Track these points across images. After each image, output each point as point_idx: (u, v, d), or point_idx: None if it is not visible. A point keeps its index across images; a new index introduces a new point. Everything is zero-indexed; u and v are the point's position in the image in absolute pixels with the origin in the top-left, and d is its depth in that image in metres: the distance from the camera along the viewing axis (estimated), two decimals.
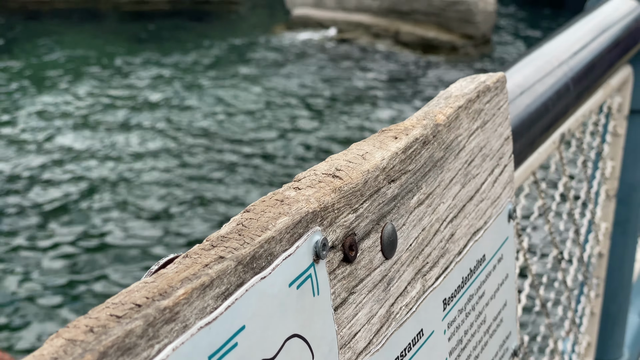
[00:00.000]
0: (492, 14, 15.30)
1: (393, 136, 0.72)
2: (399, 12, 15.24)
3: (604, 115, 1.76)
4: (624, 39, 1.57)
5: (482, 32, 15.08)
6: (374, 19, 15.23)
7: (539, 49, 1.36)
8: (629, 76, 1.77)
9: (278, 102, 11.94)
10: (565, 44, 1.39)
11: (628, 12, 1.65)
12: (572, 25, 1.51)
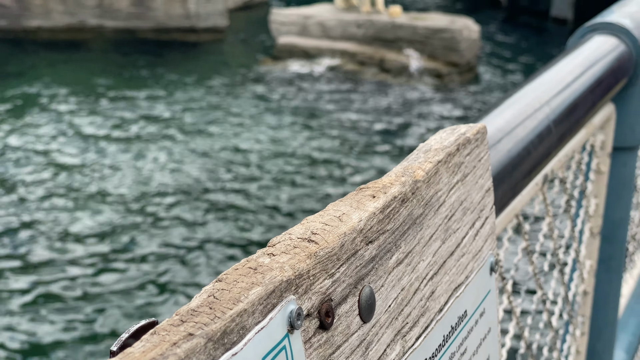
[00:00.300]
0: (476, 42, 15.40)
1: (371, 195, 0.70)
2: (383, 40, 15.32)
3: (586, 154, 1.75)
4: (606, 77, 1.56)
5: (467, 60, 15.17)
6: (359, 47, 15.30)
7: (520, 90, 1.35)
8: (611, 114, 1.77)
9: (265, 138, 11.94)
10: (547, 85, 1.38)
11: (609, 50, 1.65)
12: (553, 65, 1.50)
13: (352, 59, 15.20)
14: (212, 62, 15.79)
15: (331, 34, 15.56)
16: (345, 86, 14.23)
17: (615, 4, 1.89)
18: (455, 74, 14.93)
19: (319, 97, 13.68)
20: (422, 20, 15.42)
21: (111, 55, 16.07)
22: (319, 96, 13.71)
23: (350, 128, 12.19)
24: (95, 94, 13.50)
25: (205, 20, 17.63)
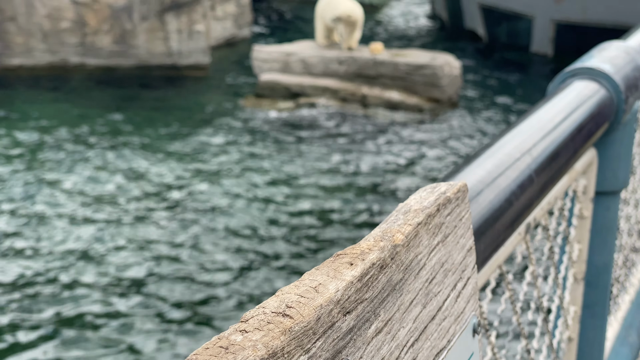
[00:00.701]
0: (458, 78, 15.50)
1: (348, 262, 0.68)
2: (365, 77, 15.40)
3: (569, 199, 1.74)
4: (587, 124, 1.56)
5: (449, 96, 15.26)
6: (340, 84, 15.36)
7: (501, 139, 1.34)
8: (593, 158, 1.76)
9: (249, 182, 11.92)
10: (528, 133, 1.37)
11: (590, 96, 1.64)
12: (534, 112, 1.49)
13: (335, 95, 15.25)
14: (194, 100, 15.80)
15: (313, 70, 15.62)
16: (328, 121, 14.26)
17: (595, 49, 1.89)
18: (437, 110, 15.01)
19: (302, 138, 13.69)
20: (403, 56, 15.52)
21: (92, 94, 16.05)
22: (301, 138, 13.73)
23: (334, 172, 12.20)
24: (74, 134, 13.45)
25: (187, 58, 17.66)
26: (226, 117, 14.63)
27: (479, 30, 21.64)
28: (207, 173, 11.64)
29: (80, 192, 10.84)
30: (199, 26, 17.69)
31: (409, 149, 13.11)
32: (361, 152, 12.90)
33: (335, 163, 12.33)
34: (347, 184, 11.45)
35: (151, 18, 17.31)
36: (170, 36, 17.49)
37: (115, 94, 16.00)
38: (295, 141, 13.31)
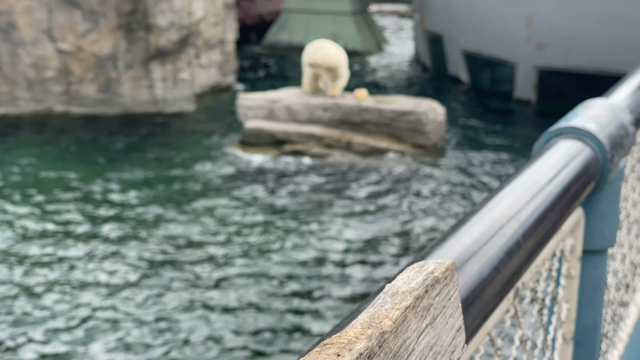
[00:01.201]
0: (442, 124, 15.59)
1: (335, 353, 0.66)
2: (350, 123, 15.46)
3: (557, 259, 1.73)
4: (573, 184, 1.55)
5: (433, 141, 15.33)
6: (326, 131, 15.41)
7: (487, 204, 1.32)
8: (580, 218, 1.75)
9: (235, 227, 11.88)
10: (514, 197, 1.36)
11: (575, 156, 1.64)
12: (519, 174, 1.48)
13: (320, 142, 15.29)
14: (179, 147, 15.80)
15: (298, 117, 15.68)
16: (313, 169, 14.27)
17: (579, 107, 1.90)
18: (422, 155, 15.06)
19: (287, 184, 13.68)
20: (387, 103, 15.62)
21: (76, 142, 16.03)
22: (286, 184, 13.72)
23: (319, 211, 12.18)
24: (57, 181, 13.40)
25: (172, 106, 17.71)
26: (211, 164, 14.62)
27: (463, 76, 21.84)
28: (192, 217, 11.59)
29: (67, 232, 10.76)
30: (184, 74, 17.77)
31: (395, 197, 13.11)
32: (348, 199, 12.90)
33: (322, 211, 12.31)
34: (333, 232, 11.43)
35: (136, 66, 17.38)
36: (155, 84, 17.56)
37: (99, 142, 15.98)
38: (279, 187, 13.30)
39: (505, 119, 19.15)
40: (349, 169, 14.34)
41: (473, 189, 13.69)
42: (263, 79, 22.46)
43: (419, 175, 14.21)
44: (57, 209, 12.02)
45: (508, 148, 16.30)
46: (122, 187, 13.22)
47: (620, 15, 18.69)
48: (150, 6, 17.14)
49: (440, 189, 13.58)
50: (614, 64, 19.07)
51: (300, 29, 25.97)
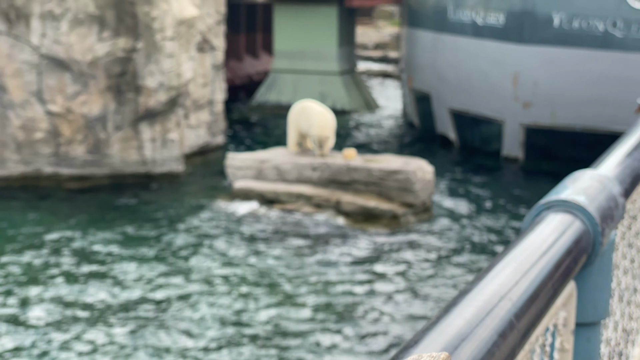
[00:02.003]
0: (431, 183, 15.64)
1: None
2: (339, 183, 15.49)
3: (550, 334, 1.70)
4: (565, 260, 1.53)
5: (422, 200, 15.35)
6: (314, 190, 15.42)
7: (479, 283, 1.30)
8: (572, 291, 1.74)
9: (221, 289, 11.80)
10: (505, 276, 1.34)
11: (566, 230, 1.63)
12: (511, 250, 1.47)
13: (308, 201, 15.29)
14: (168, 208, 15.77)
15: (287, 177, 15.71)
16: (303, 231, 14.25)
17: (568, 179, 1.89)
18: (410, 214, 15.06)
19: (276, 244, 13.65)
20: (376, 162, 15.68)
21: (65, 203, 15.99)
22: (275, 244, 13.68)
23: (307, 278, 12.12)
24: (47, 243, 13.32)
25: (161, 166, 17.72)
26: (201, 224, 14.58)
27: (451, 135, 22.00)
28: (179, 276, 11.51)
29: (52, 300, 10.65)
30: (173, 135, 17.83)
31: (384, 258, 13.08)
32: (334, 257, 12.85)
33: (309, 271, 12.26)
34: (318, 294, 11.37)
35: (125, 127, 17.44)
36: (144, 145, 17.59)
37: (89, 203, 15.96)
38: (267, 246, 13.25)
39: (494, 177, 19.24)
40: (337, 229, 14.32)
41: (463, 250, 13.68)
42: (252, 138, 22.57)
43: (407, 234, 14.19)
44: (42, 266, 11.93)
45: (497, 207, 16.35)
46: (110, 247, 13.14)
47: (604, 74, 18.95)
48: (140, 68, 17.27)
49: (429, 249, 13.56)
50: (599, 121, 19.27)
51: (289, 89, 26.20)
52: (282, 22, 26.45)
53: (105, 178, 17.39)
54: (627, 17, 18.79)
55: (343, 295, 11.26)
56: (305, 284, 11.64)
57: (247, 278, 11.84)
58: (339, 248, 13.37)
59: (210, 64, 20.55)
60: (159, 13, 17.31)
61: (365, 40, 36.67)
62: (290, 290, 11.40)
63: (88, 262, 12.40)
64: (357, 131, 23.75)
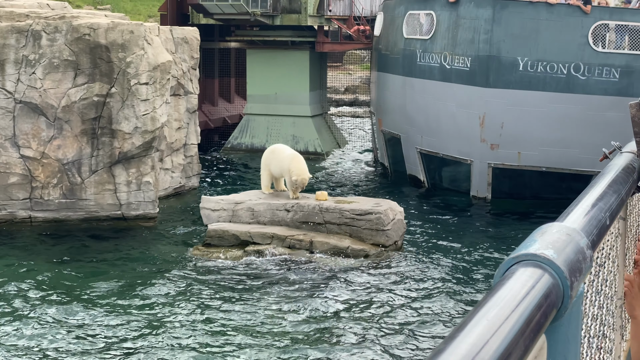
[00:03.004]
0: (402, 223, 15.93)
1: None
2: (312, 224, 15.72)
3: None
4: (535, 316, 1.58)
5: (393, 240, 15.62)
6: (288, 231, 15.63)
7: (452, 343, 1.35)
8: (543, 345, 1.77)
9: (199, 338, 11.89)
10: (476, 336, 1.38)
11: (535, 284, 1.69)
12: (480, 308, 1.52)
13: (282, 242, 15.48)
14: (143, 251, 15.89)
15: (261, 218, 15.91)
16: (277, 272, 14.41)
17: (537, 232, 1.97)
18: (383, 254, 15.31)
19: (251, 287, 13.79)
20: (348, 203, 15.96)
21: (40, 247, 16.04)
22: (250, 286, 13.82)
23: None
24: (20, 289, 13.35)
25: (136, 209, 17.87)
26: (175, 267, 14.70)
27: (420, 176, 22.36)
28: (156, 324, 11.61)
29: (26, 347, 10.70)
30: (148, 178, 18.00)
31: (356, 296, 13.28)
32: (309, 299, 13.02)
33: (285, 311, 12.41)
34: (295, 332, 11.51)
35: (100, 171, 17.59)
36: (119, 188, 17.74)
37: (63, 247, 16.01)
38: (244, 290, 13.40)
39: (463, 216, 19.58)
40: (312, 269, 14.51)
41: (434, 290, 13.91)
42: (226, 181, 22.77)
43: (379, 274, 14.41)
44: (11, 310, 11.97)
45: (467, 247, 16.65)
46: (83, 290, 13.21)
47: (568, 116, 19.49)
48: (115, 112, 17.49)
49: (400, 289, 13.78)
50: (564, 162, 19.77)
51: (262, 132, 26.52)
52: (255, 67, 26.83)
53: (80, 222, 17.48)
54: (589, 61, 19.39)
55: (318, 333, 11.44)
56: (278, 325, 11.80)
57: (222, 322, 11.97)
58: (310, 289, 13.55)
59: (185, 108, 20.82)
60: (134, 58, 17.58)
61: (337, 83, 37.18)
62: (266, 330, 11.56)
63: (58, 306, 12.44)
64: (329, 173, 24.05)
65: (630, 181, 2.83)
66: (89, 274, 14.22)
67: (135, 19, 28.37)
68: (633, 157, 2.99)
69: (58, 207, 17.44)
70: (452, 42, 20.58)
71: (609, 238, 2.84)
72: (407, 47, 22.04)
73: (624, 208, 3.02)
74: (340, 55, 38.39)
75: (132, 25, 17.96)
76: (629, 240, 3.31)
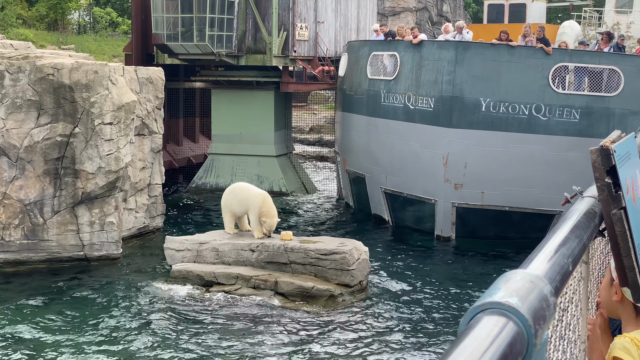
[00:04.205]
0: (366, 262, 15.94)
1: None
2: (277, 264, 15.68)
3: None
4: None
5: (358, 280, 15.62)
6: (253, 271, 15.57)
7: None
8: None
9: None
10: None
11: (499, 332, 1.72)
12: (447, 358, 1.54)
13: (247, 283, 15.41)
14: (106, 292, 15.71)
15: (225, 259, 15.84)
16: (241, 312, 14.32)
17: (501, 279, 2.02)
18: (347, 294, 15.29)
19: (214, 327, 13.69)
20: (313, 243, 15.95)
21: (0, 289, 15.78)
22: (214, 326, 13.72)
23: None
24: None
25: (99, 250, 17.70)
26: (139, 307, 14.55)
27: (385, 215, 22.44)
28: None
29: None
30: (112, 218, 17.86)
31: (319, 338, 13.23)
32: (271, 340, 12.95)
33: (245, 353, 12.33)
34: None
35: (63, 211, 17.42)
36: (82, 229, 17.57)
37: (24, 287, 15.79)
38: (208, 330, 13.29)
39: (428, 256, 19.66)
40: (276, 310, 14.44)
41: (398, 330, 13.91)
42: (190, 221, 22.65)
43: (344, 316, 14.38)
44: None
45: (431, 286, 16.69)
46: (44, 333, 13.02)
47: (529, 156, 19.74)
48: (78, 152, 17.37)
49: (365, 330, 13.75)
50: (527, 201, 19.98)
51: (227, 172, 26.48)
52: (220, 107, 26.88)
53: (42, 262, 17.26)
54: (550, 102, 19.71)
55: None
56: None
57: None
58: (276, 329, 13.48)
59: (149, 147, 20.75)
60: (98, 98, 17.53)
61: (301, 123, 37.35)
62: None
63: (16, 346, 12.25)
64: (294, 213, 24.05)
65: (592, 226, 2.87)
66: (50, 314, 14.01)
67: (100, 59, 28.36)
68: (594, 202, 3.05)
69: (19, 248, 17.21)
70: (416, 83, 20.82)
71: (572, 282, 2.87)
72: (371, 87, 22.25)
73: (586, 252, 3.07)
74: (305, 95, 38.60)
75: (97, 65, 17.93)
76: (591, 283, 3.35)
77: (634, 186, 2.79)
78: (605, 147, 2.58)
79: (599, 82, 19.81)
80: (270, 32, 25.73)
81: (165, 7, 24.69)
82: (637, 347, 2.71)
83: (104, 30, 46.48)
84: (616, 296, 2.95)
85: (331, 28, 28.21)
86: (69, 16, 42.74)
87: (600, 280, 3.47)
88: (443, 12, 53.56)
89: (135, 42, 26.70)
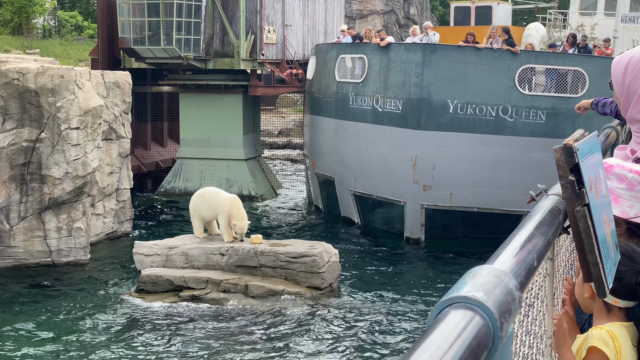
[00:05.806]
0: (337, 264, 15.98)
1: None
2: (247, 267, 15.66)
3: None
4: (466, 357, 1.64)
5: (329, 283, 15.65)
6: (223, 275, 15.53)
7: None
8: None
9: None
10: None
11: (466, 326, 1.75)
12: (414, 351, 1.57)
13: (217, 286, 15.37)
14: (74, 298, 15.58)
15: (195, 263, 15.79)
16: (211, 316, 14.28)
17: (468, 274, 2.05)
18: (318, 297, 15.31)
19: (184, 332, 13.63)
20: (283, 246, 15.96)
21: None
22: (183, 331, 13.67)
23: None
24: None
25: (67, 256, 17.55)
26: (107, 313, 14.45)
27: (355, 218, 22.49)
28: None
29: None
30: (79, 223, 17.72)
31: (290, 341, 13.23)
32: (243, 344, 12.93)
33: (220, 357, 12.29)
34: None
35: (29, 217, 17.25)
36: (49, 234, 17.42)
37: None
38: (177, 335, 13.23)
39: (397, 258, 19.73)
40: (246, 314, 14.42)
41: (369, 332, 13.96)
42: (159, 225, 22.53)
43: (315, 319, 14.40)
44: None
45: (401, 287, 16.77)
46: (10, 341, 12.88)
47: (497, 157, 19.90)
48: (45, 157, 17.22)
49: (335, 332, 13.78)
50: (494, 202, 20.13)
51: (195, 176, 26.37)
52: (188, 111, 26.77)
53: (8, 269, 17.08)
54: (517, 103, 19.89)
55: None
56: None
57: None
58: (245, 332, 13.46)
59: (117, 152, 20.62)
60: (64, 103, 17.40)
61: (270, 127, 37.31)
62: None
63: None
64: (264, 216, 24.02)
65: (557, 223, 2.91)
66: (17, 322, 13.86)
67: (66, 63, 28.11)
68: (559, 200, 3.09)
69: None
70: (384, 86, 20.89)
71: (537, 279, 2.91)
72: (340, 90, 22.30)
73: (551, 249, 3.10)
74: (273, 99, 38.59)
75: (62, 69, 17.79)
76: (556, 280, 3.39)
77: (597, 184, 2.84)
78: (569, 146, 2.61)
79: (564, 83, 20.04)
80: (237, 36, 25.68)
81: (132, 11, 24.55)
82: (612, 339, 2.79)
83: (69, 34, 46.11)
84: (587, 293, 3.02)
85: (299, 31, 28.23)
86: (33, 20, 42.39)
87: (566, 278, 3.52)
88: (410, 14, 53.82)
89: (101, 46, 26.52)
